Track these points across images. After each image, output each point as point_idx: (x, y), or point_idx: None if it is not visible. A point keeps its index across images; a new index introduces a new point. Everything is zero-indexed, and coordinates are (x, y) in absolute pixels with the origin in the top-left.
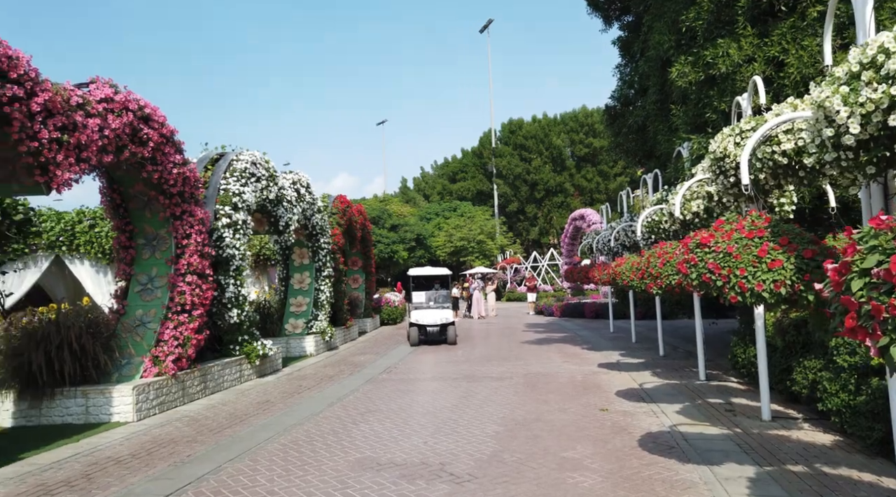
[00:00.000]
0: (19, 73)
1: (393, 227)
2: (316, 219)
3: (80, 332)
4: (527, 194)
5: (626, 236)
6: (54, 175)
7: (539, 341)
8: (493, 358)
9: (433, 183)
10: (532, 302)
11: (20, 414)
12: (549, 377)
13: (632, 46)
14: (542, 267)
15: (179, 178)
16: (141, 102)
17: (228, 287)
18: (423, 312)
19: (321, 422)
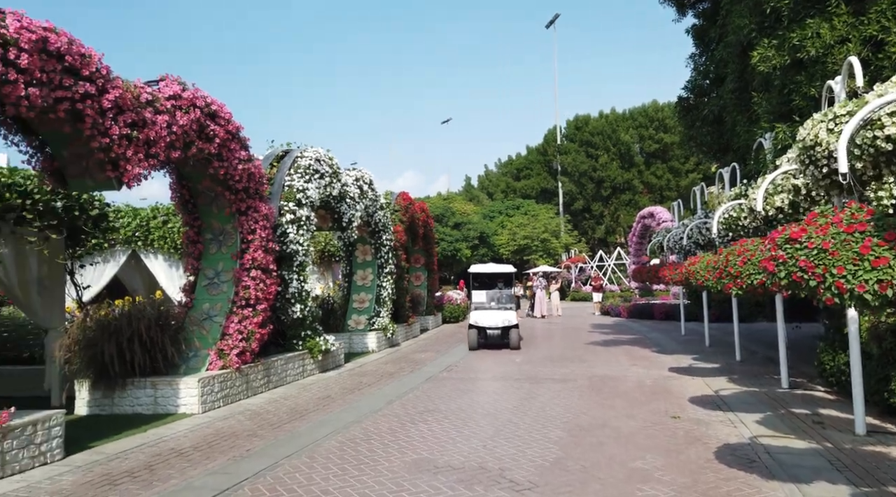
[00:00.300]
0: (91, 71)
1: (456, 225)
2: (378, 216)
3: (149, 324)
4: (593, 192)
5: (699, 234)
6: (124, 170)
7: (605, 343)
8: (556, 359)
9: (497, 181)
10: (597, 302)
11: (94, 403)
12: (615, 381)
13: (707, 34)
14: (609, 266)
15: (244, 174)
16: (208, 99)
17: (292, 282)
18: (484, 313)
19: (379, 420)
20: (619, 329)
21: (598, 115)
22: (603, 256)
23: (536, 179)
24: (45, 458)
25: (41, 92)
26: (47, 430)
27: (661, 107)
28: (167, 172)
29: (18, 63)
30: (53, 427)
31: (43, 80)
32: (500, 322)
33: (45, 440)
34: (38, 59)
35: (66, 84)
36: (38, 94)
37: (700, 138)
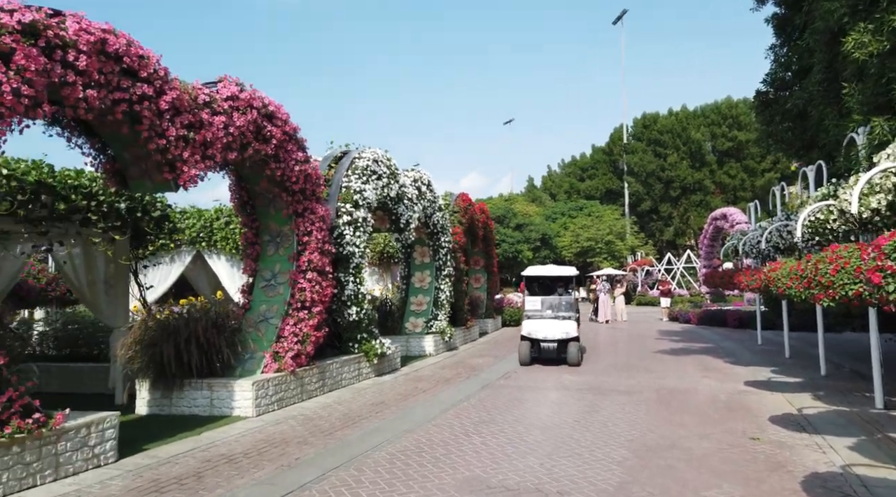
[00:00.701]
0: (149, 72)
1: (517, 226)
2: (436, 217)
3: (205, 326)
4: (661, 192)
5: (780, 237)
6: (181, 172)
7: (674, 351)
8: (620, 368)
9: (560, 181)
10: (665, 307)
11: (154, 402)
12: (685, 394)
13: (790, 22)
14: (677, 270)
15: (301, 176)
16: (265, 100)
17: (348, 285)
18: (538, 323)
19: (432, 430)
20: (689, 336)
21: (668, 112)
22: (671, 259)
23: (601, 180)
24: (98, 460)
25: (99, 93)
26: (101, 433)
27: (735, 103)
28: (226, 174)
29: (77, 65)
30: (107, 429)
31: (101, 81)
32: (557, 334)
33: (99, 442)
34: (97, 60)
35: (124, 86)
36: (96, 96)
37: (780, 135)
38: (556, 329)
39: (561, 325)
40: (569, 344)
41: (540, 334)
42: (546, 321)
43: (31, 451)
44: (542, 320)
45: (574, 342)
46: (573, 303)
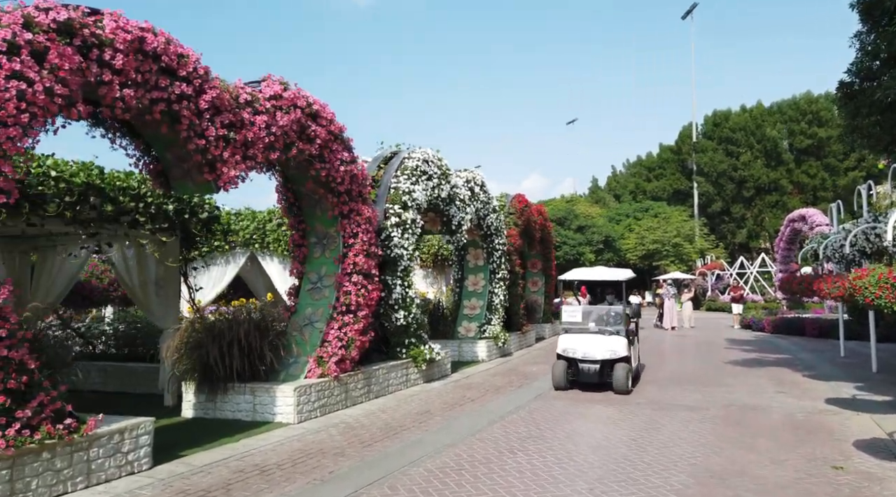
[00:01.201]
0: (188, 71)
1: (579, 228)
2: (490, 219)
3: (248, 329)
4: (733, 193)
5: (866, 241)
6: (221, 172)
7: (745, 362)
8: (685, 380)
9: (625, 182)
10: (737, 314)
11: (199, 406)
12: (757, 412)
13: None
14: (750, 274)
15: (347, 176)
16: (310, 99)
17: (395, 288)
18: (577, 339)
19: (476, 445)
20: (763, 346)
21: (740, 109)
22: (744, 263)
23: (669, 180)
24: (131, 467)
25: (136, 93)
26: (135, 439)
27: (815, 98)
28: (272, 175)
29: (113, 64)
30: (141, 435)
31: (138, 80)
32: (601, 353)
33: (133, 449)
34: (134, 59)
35: (162, 85)
36: (133, 95)
37: (866, 129)
38: (599, 347)
39: (606, 341)
40: (615, 365)
41: (578, 352)
42: (587, 337)
43: (62, 458)
44: (583, 335)
45: (622, 364)
46: (622, 315)
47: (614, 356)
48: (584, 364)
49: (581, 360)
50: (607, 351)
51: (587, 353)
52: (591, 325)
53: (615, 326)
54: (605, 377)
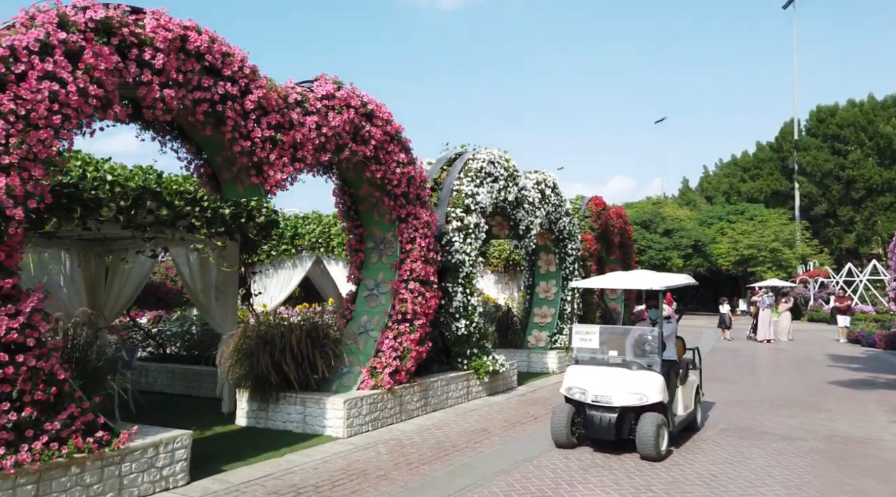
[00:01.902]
0: (233, 71)
1: (666, 231)
2: (563, 222)
3: (300, 337)
4: (840, 194)
5: None
6: (268, 175)
7: (851, 383)
8: (779, 403)
9: (717, 183)
10: (844, 326)
11: (252, 414)
12: (866, 445)
13: None
14: (860, 282)
15: (403, 178)
16: (364, 99)
17: (456, 295)
18: (589, 373)
19: (531, 473)
20: (873, 365)
21: (848, 104)
22: (852, 271)
23: (766, 180)
24: (166, 482)
25: (178, 93)
26: (171, 453)
27: None
28: (328, 178)
29: (153, 64)
30: (178, 449)
31: (179, 80)
32: (621, 395)
33: (168, 463)
34: (175, 59)
35: (206, 85)
36: (175, 96)
37: None
38: (619, 386)
39: (631, 379)
40: (643, 416)
41: (588, 393)
42: (605, 371)
43: (92, 472)
44: (600, 369)
45: (653, 414)
46: (656, 340)
47: (641, 402)
48: (594, 411)
49: (591, 404)
50: (631, 393)
51: (600, 395)
52: (613, 355)
53: (648, 356)
54: (625, 432)
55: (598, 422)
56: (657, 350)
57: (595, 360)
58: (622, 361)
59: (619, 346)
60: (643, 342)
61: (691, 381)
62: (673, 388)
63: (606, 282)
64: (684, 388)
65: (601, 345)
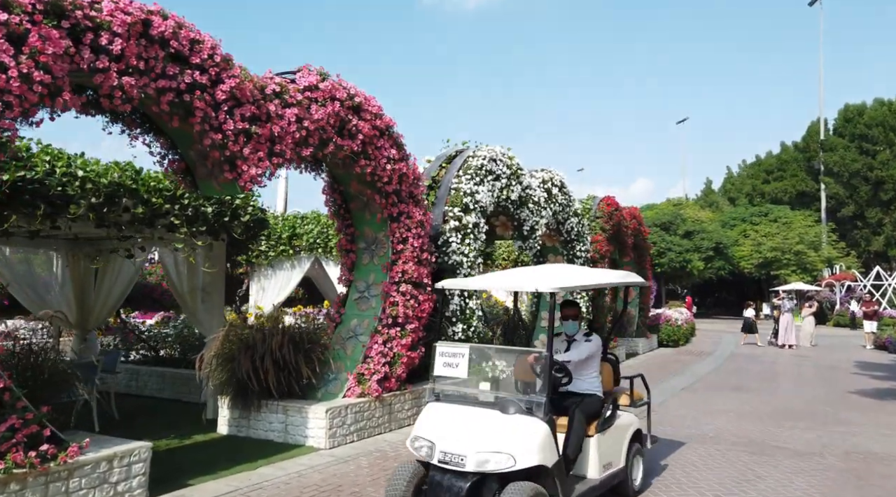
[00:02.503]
0: (202, 58)
1: (686, 233)
2: (571, 223)
3: (281, 341)
4: (868, 195)
5: None
6: (242, 170)
7: (876, 393)
8: (796, 414)
9: (740, 184)
10: (870, 332)
11: (233, 422)
12: (888, 463)
13: None
14: (889, 286)
15: (395, 175)
16: (351, 91)
17: (453, 298)
18: (445, 418)
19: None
20: None
21: (876, 103)
22: (881, 274)
23: (791, 181)
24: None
25: (139, 81)
26: (127, 467)
27: None
28: (317, 175)
29: (111, 49)
30: (135, 463)
31: (140, 68)
32: (478, 456)
33: (124, 478)
34: (136, 44)
35: (171, 73)
36: (135, 84)
37: None
38: (476, 440)
39: (498, 428)
40: (508, 487)
41: (437, 450)
42: (466, 414)
43: (35, 489)
44: (461, 410)
45: (524, 485)
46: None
47: (505, 466)
48: (440, 475)
49: (437, 466)
50: (492, 452)
51: (450, 453)
52: (483, 389)
53: (531, 395)
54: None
55: (445, 492)
56: (545, 385)
57: (461, 396)
58: (495, 399)
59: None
60: (528, 369)
61: (622, 426)
62: (577, 438)
63: (482, 282)
64: (605, 438)
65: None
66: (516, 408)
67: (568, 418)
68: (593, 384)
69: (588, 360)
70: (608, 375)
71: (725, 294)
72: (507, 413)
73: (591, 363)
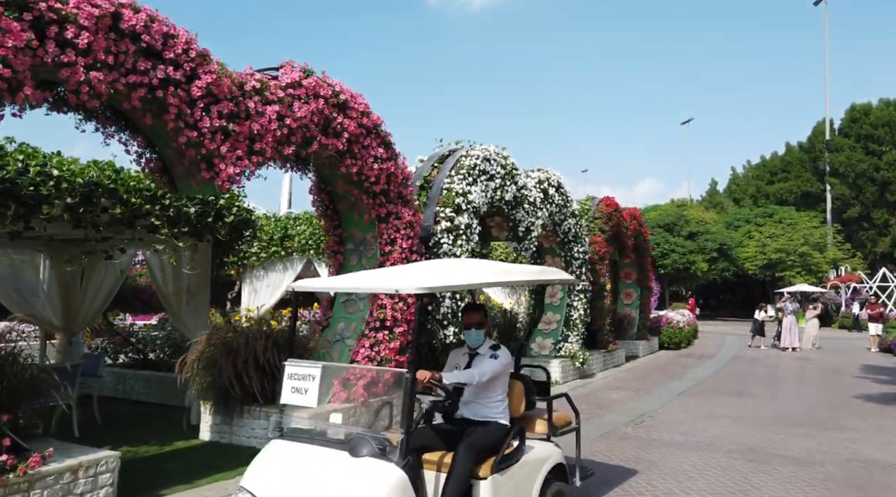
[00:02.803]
0: (176, 53)
1: (690, 234)
2: (568, 224)
3: (266, 345)
4: (874, 196)
5: None
6: (219, 169)
7: (880, 398)
8: (796, 420)
9: (745, 185)
10: (875, 335)
11: (216, 428)
12: (890, 472)
13: None
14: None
15: (383, 175)
16: (336, 88)
17: (444, 301)
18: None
19: None
20: None
21: (883, 103)
22: (888, 276)
23: (796, 182)
24: None
25: (107, 76)
26: (93, 478)
27: None
28: (303, 175)
29: (77, 43)
30: (102, 473)
31: (109, 62)
32: None
33: (90, 490)
34: (105, 38)
35: (142, 68)
36: (104, 79)
37: None
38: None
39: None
40: None
41: None
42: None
43: None
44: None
45: None
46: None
47: None
48: None
49: None
50: None
51: None
52: (335, 423)
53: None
54: None
55: None
56: (404, 416)
57: (308, 432)
58: (345, 437)
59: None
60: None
61: (533, 462)
62: (458, 483)
63: (338, 282)
64: (504, 479)
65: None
66: (369, 449)
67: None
68: (495, 410)
69: (493, 381)
70: (518, 397)
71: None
72: (358, 455)
73: (495, 384)
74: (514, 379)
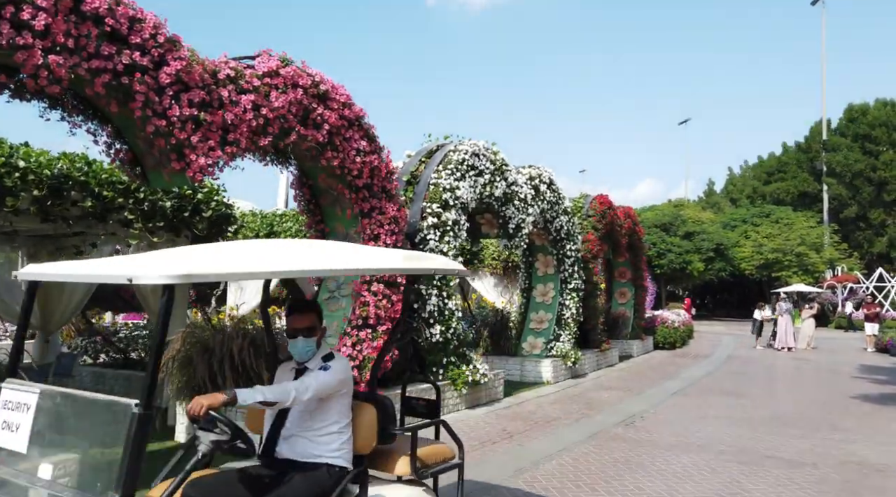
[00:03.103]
0: (143, 38)
1: (687, 234)
2: (560, 221)
3: (242, 345)
4: (871, 196)
5: None
6: (190, 160)
7: (876, 398)
8: (789, 420)
9: (742, 185)
10: (871, 335)
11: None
12: (886, 475)
13: None
14: (891, 288)
15: (365, 169)
16: (316, 78)
17: (430, 298)
18: None
19: None
20: None
21: (880, 103)
22: (884, 276)
23: (792, 182)
24: None
25: (67, 61)
26: None
27: None
28: (283, 168)
29: (34, 25)
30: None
31: (70, 46)
32: None
33: None
34: (64, 20)
35: (106, 52)
36: (63, 64)
37: None
38: None
39: None
40: None
41: None
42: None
43: None
44: None
45: None
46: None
47: None
48: None
49: None
50: None
51: None
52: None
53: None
54: None
55: None
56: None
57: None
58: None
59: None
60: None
61: None
62: None
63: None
64: None
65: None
66: None
67: None
68: (328, 446)
69: (323, 404)
70: (368, 427)
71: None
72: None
73: (327, 409)
74: (363, 402)
